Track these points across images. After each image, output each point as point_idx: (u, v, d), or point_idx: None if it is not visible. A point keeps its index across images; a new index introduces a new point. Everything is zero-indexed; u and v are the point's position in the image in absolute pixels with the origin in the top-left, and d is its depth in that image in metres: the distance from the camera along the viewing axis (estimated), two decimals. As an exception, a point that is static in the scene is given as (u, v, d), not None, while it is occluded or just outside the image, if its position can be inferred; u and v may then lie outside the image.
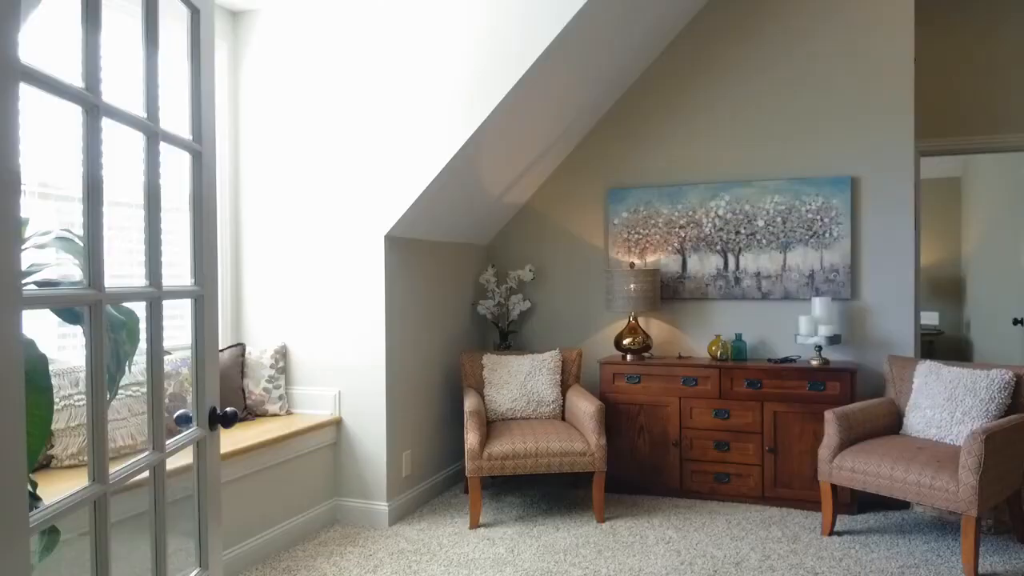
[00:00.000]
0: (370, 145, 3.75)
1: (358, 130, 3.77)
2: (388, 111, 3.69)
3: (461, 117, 3.55)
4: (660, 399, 4.19)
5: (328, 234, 3.88)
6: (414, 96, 3.64)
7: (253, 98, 4.00)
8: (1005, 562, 3.24)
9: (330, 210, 3.86)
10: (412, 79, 3.64)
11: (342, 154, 3.81)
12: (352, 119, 3.78)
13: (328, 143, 3.84)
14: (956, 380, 3.55)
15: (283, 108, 3.94)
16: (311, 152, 3.88)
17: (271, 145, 3.97)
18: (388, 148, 3.71)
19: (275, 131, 3.96)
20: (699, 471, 4.13)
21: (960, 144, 4.67)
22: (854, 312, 4.19)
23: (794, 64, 4.26)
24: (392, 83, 3.68)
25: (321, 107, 3.84)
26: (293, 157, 3.93)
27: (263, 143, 3.99)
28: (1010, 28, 4.52)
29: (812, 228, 4.22)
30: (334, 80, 3.81)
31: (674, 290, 4.50)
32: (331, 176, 3.85)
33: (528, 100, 3.70)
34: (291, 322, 3.97)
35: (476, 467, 3.72)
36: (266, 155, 3.99)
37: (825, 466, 3.55)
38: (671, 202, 4.50)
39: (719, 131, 4.43)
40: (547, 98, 3.86)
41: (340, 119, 3.80)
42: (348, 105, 3.78)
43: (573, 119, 4.34)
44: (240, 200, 4.06)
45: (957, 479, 3.09)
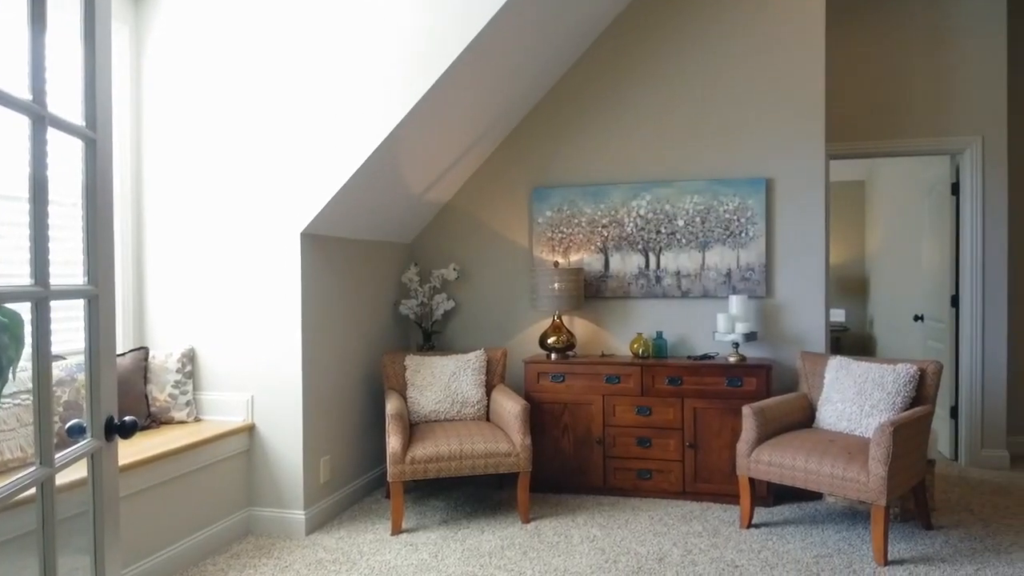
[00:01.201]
0: (285, 138, 3.59)
1: (273, 122, 3.60)
2: (305, 103, 3.54)
3: (382, 111, 3.45)
4: (584, 397, 4.19)
5: (240, 230, 3.69)
6: (333, 88, 3.50)
7: (158, 85, 3.77)
8: (912, 548, 3.39)
9: (242, 205, 3.68)
10: (331, 71, 3.50)
11: (255, 147, 3.64)
12: (266, 110, 3.61)
13: (240, 135, 3.65)
14: (865, 375, 3.69)
15: (191, 96, 3.72)
16: (222, 144, 3.69)
17: (178, 135, 3.75)
18: (305, 141, 3.56)
19: (182, 120, 3.74)
20: (622, 468, 4.16)
21: (866, 148, 4.88)
22: (769, 310, 4.31)
23: (712, 68, 4.35)
24: (310, 74, 3.53)
25: (233, 96, 3.65)
26: (202, 148, 3.72)
27: (169, 133, 3.76)
28: (914, 37, 4.76)
29: (729, 228, 4.32)
30: (247, 68, 3.63)
31: (597, 289, 4.52)
32: (243, 170, 3.66)
33: (451, 96, 3.63)
34: (199, 324, 3.75)
35: (398, 471, 3.62)
36: (173, 146, 3.76)
37: (743, 460, 3.63)
38: (594, 201, 4.51)
39: (641, 131, 4.48)
40: (470, 95, 3.80)
41: (253, 110, 3.63)
42: (262, 95, 3.61)
43: (497, 117, 4.29)
44: (143, 193, 3.82)
45: (867, 470, 3.21)
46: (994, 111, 4.64)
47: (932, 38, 4.72)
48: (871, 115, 4.84)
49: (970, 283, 4.70)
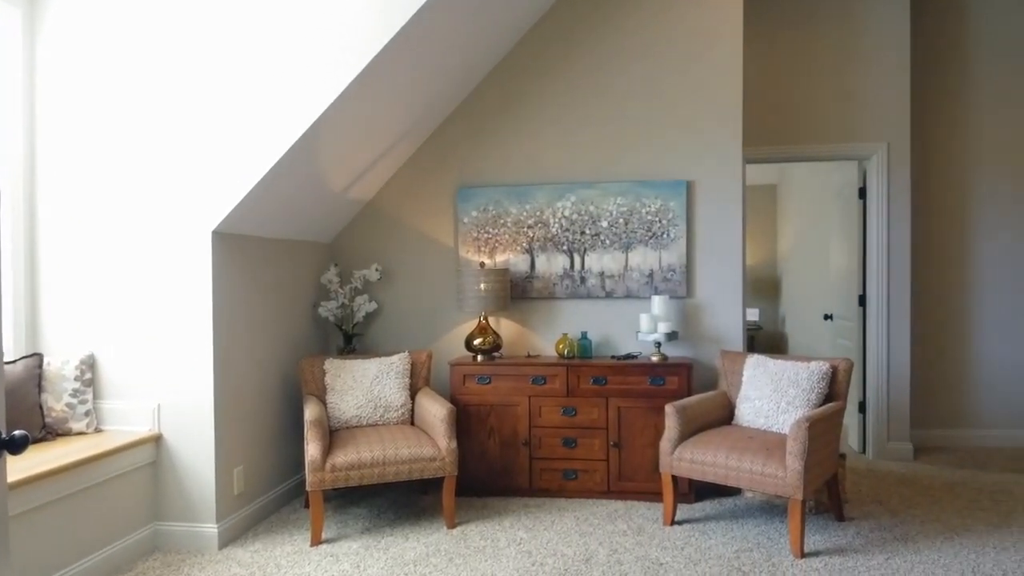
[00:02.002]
0: (196, 131, 3.40)
1: (182, 113, 3.40)
2: (218, 94, 3.37)
3: (301, 105, 3.31)
4: (510, 399, 4.15)
5: (145, 229, 3.47)
6: (249, 81, 3.34)
7: (54, 72, 3.50)
8: (826, 540, 3.50)
9: (147, 203, 3.46)
10: (247, 62, 3.34)
11: (163, 140, 3.43)
12: (176, 100, 3.41)
13: (146, 126, 3.44)
14: (781, 372, 3.80)
15: (91, 84, 3.48)
16: (125, 135, 3.46)
17: (76, 126, 3.50)
18: (217, 135, 3.38)
19: (81, 110, 3.49)
20: (548, 469, 4.15)
21: (780, 153, 5.04)
22: (689, 309, 4.39)
23: (635, 73, 4.39)
24: (224, 65, 3.36)
25: (137, 85, 3.43)
26: (103, 140, 3.48)
27: (66, 123, 3.50)
28: (825, 48, 4.95)
29: (652, 229, 4.37)
30: (154, 55, 3.42)
31: (523, 289, 4.50)
32: (150, 163, 3.45)
33: (373, 92, 3.52)
34: (100, 329, 3.51)
35: (318, 480, 3.48)
36: (70, 137, 3.50)
37: (666, 458, 3.67)
38: (520, 202, 4.49)
39: (566, 133, 4.48)
40: (394, 91, 3.71)
41: (161, 99, 3.42)
42: (171, 84, 3.41)
43: (422, 114, 4.21)
44: (36, 190, 3.54)
45: (785, 465, 3.29)
46: (898, 119, 4.87)
47: (842, 50, 4.92)
48: (784, 121, 5.00)
49: (876, 283, 4.93)
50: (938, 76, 5.20)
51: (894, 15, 4.86)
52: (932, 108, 5.21)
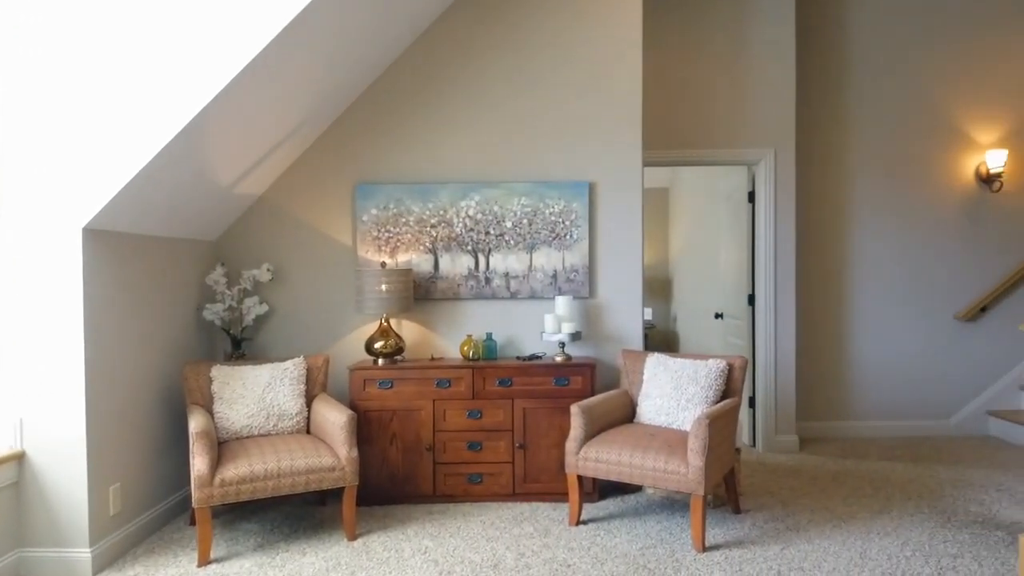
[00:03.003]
0: (64, 120, 3.07)
1: (49, 100, 3.06)
2: (90, 79, 3.05)
3: (185, 93, 3.05)
4: (413, 403, 4.03)
5: (3, 226, 3.10)
6: (124, 66, 3.05)
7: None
8: (725, 533, 3.60)
9: (6, 197, 3.09)
10: (123, 45, 3.04)
11: (24, 129, 3.07)
12: (41, 85, 3.06)
13: (3, 115, 3.07)
14: (680, 370, 3.88)
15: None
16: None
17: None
18: (88, 123, 3.06)
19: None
20: (452, 474, 4.05)
21: (674, 156, 5.18)
22: (592, 309, 4.41)
23: (538, 73, 4.38)
24: (98, 46, 3.04)
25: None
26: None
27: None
28: (717, 57, 5.12)
29: (555, 230, 4.37)
30: (17, 33, 3.05)
31: (426, 290, 4.38)
32: (8, 154, 3.08)
33: (264, 82, 3.31)
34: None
35: (206, 496, 3.23)
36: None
37: (572, 458, 3.66)
38: (422, 200, 4.37)
39: (469, 131, 4.40)
40: (287, 82, 3.50)
41: (23, 84, 3.06)
42: (36, 67, 3.06)
43: (317, 106, 4.01)
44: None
45: (687, 462, 3.35)
46: (784, 127, 5.12)
47: (733, 60, 5.12)
48: (679, 126, 5.14)
49: (764, 283, 5.15)
50: (821, 87, 5.51)
51: (780, 28, 5.10)
52: (816, 117, 5.51)
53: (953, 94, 5.52)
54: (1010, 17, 5.50)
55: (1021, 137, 5.52)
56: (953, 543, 3.41)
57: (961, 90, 5.52)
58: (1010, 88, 5.51)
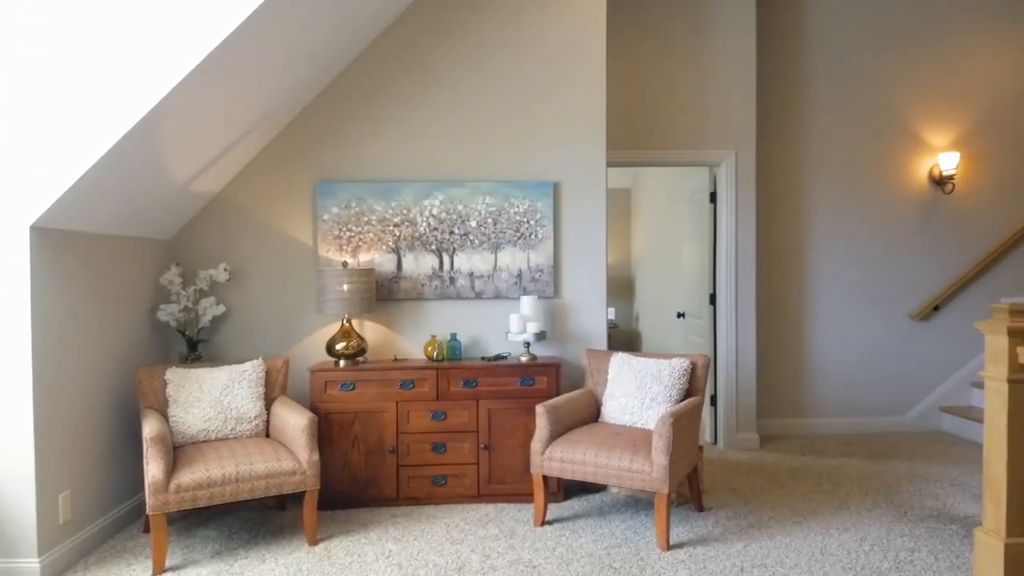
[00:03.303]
0: (10, 112, 2.94)
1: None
2: (37, 71, 2.93)
3: (139, 87, 2.95)
4: (376, 405, 3.97)
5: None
6: (72, 58, 2.93)
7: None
8: (689, 531, 3.62)
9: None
10: (73, 37, 2.93)
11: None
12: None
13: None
14: (644, 369, 3.89)
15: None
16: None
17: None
18: (37, 118, 2.94)
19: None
20: (416, 476, 4.00)
21: (637, 157, 5.20)
22: (557, 309, 4.41)
23: (503, 73, 4.36)
24: (43, 37, 2.93)
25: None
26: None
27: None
28: (679, 59, 5.17)
29: (520, 230, 4.35)
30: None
31: (389, 290, 4.32)
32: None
33: (222, 77, 3.22)
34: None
35: (161, 502, 3.13)
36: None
37: (537, 458, 3.64)
38: (385, 199, 4.31)
39: (433, 130, 4.35)
40: (246, 78, 3.41)
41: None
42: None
43: (277, 102, 3.92)
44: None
45: (651, 461, 3.36)
46: (745, 129, 5.19)
47: (695, 62, 5.17)
48: (642, 127, 5.17)
49: (725, 283, 5.21)
50: (781, 90, 5.60)
51: (741, 33, 5.17)
52: (776, 120, 5.59)
53: (907, 99, 5.65)
54: (960, 26, 5.65)
55: (972, 140, 5.68)
56: (910, 537, 3.48)
57: (915, 95, 5.66)
58: (961, 93, 5.67)
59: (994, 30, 5.67)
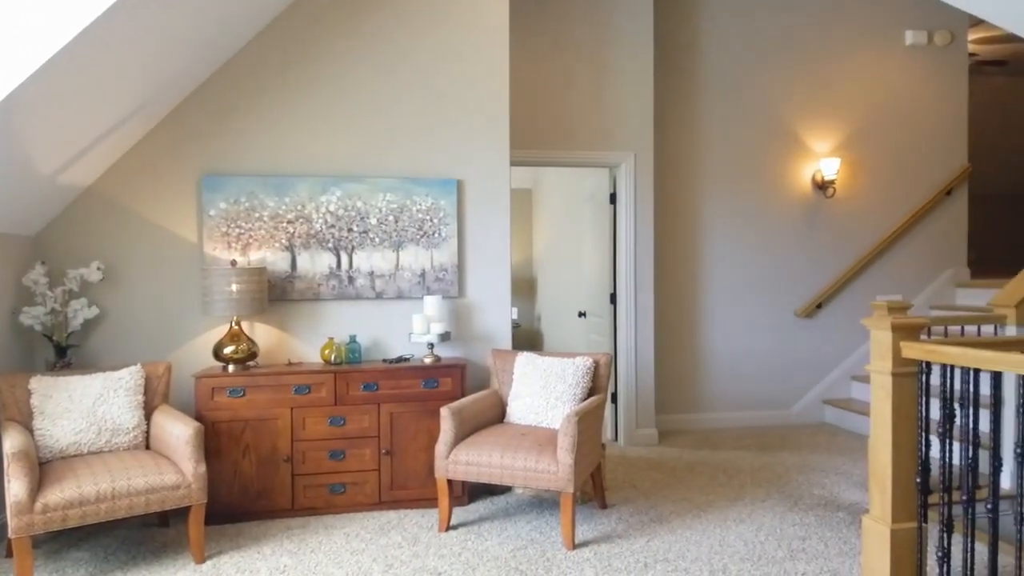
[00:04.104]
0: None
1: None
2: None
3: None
4: (269, 412, 3.75)
5: None
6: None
7: None
8: (593, 528, 3.62)
9: None
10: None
11: None
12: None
13: None
14: (549, 368, 3.87)
15: None
16: None
17: None
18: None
19: None
20: (313, 485, 3.82)
21: (540, 157, 5.20)
22: (461, 309, 4.32)
23: (407, 67, 4.23)
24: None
25: None
26: None
27: None
28: (581, 62, 5.20)
29: (423, 228, 4.24)
30: None
31: (283, 291, 4.10)
32: None
33: (93, 61, 2.94)
34: None
35: (25, 524, 2.82)
36: None
37: (442, 462, 3.55)
38: (278, 194, 4.08)
39: (331, 122, 4.17)
40: (120, 58, 3.13)
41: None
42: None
43: (154, 91, 3.64)
44: None
45: (557, 460, 3.34)
46: (643, 132, 5.29)
47: (596, 66, 5.22)
48: (544, 127, 5.18)
49: (625, 282, 5.29)
50: (678, 97, 5.74)
51: (639, 38, 5.27)
52: (672, 124, 5.73)
53: (792, 106, 5.94)
54: (837, 39, 5.99)
55: (850, 147, 6.04)
56: (801, 526, 3.63)
57: (799, 103, 5.95)
58: (841, 103, 6.02)
59: (867, 44, 6.05)
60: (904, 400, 2.69)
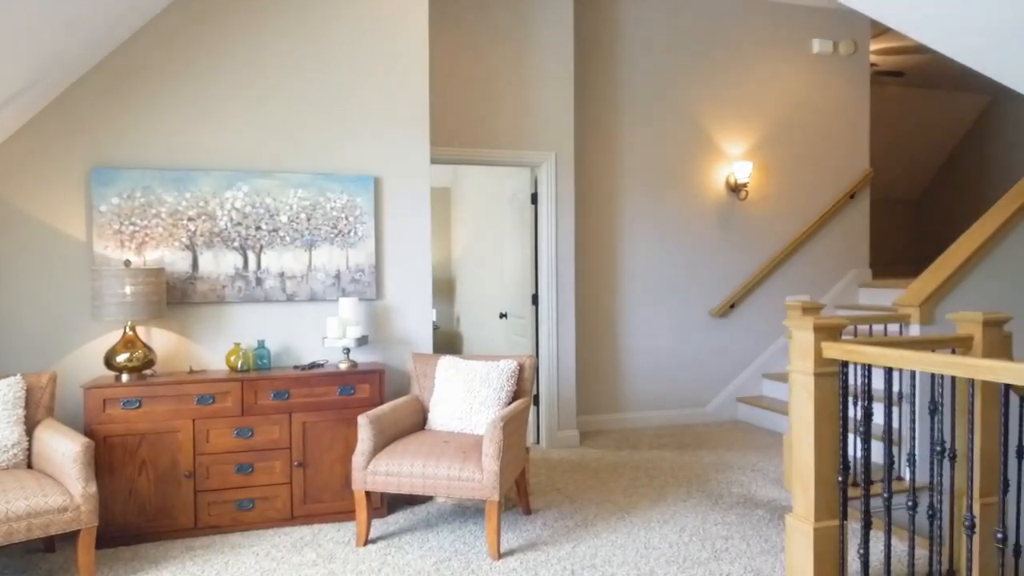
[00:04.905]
0: None
1: None
2: None
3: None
4: (168, 424, 3.47)
5: None
6: None
7: None
8: (518, 536, 3.53)
9: None
10: None
11: None
12: None
13: None
14: (472, 372, 3.75)
15: None
16: None
17: None
18: None
19: None
20: (218, 501, 3.56)
21: (461, 155, 5.07)
22: (379, 312, 4.14)
23: (319, 59, 4.01)
24: None
25: None
26: None
27: None
28: (503, 60, 5.10)
29: (338, 226, 4.03)
30: None
31: (184, 293, 3.80)
32: None
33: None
34: None
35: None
36: None
37: (360, 473, 3.37)
38: (178, 189, 3.79)
39: (238, 112, 3.90)
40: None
41: None
42: None
43: (41, 69, 3.29)
44: None
45: (482, 467, 3.22)
46: (564, 133, 5.24)
47: (517, 63, 5.13)
48: (465, 125, 5.05)
49: (547, 283, 5.23)
50: (598, 96, 5.73)
51: (559, 38, 5.22)
52: (593, 126, 5.71)
53: (707, 110, 6.04)
54: (754, 48, 6.14)
55: (762, 150, 6.19)
56: (723, 525, 3.65)
57: (714, 107, 6.06)
58: (753, 108, 6.16)
59: (777, 52, 6.23)
60: (825, 399, 2.71)
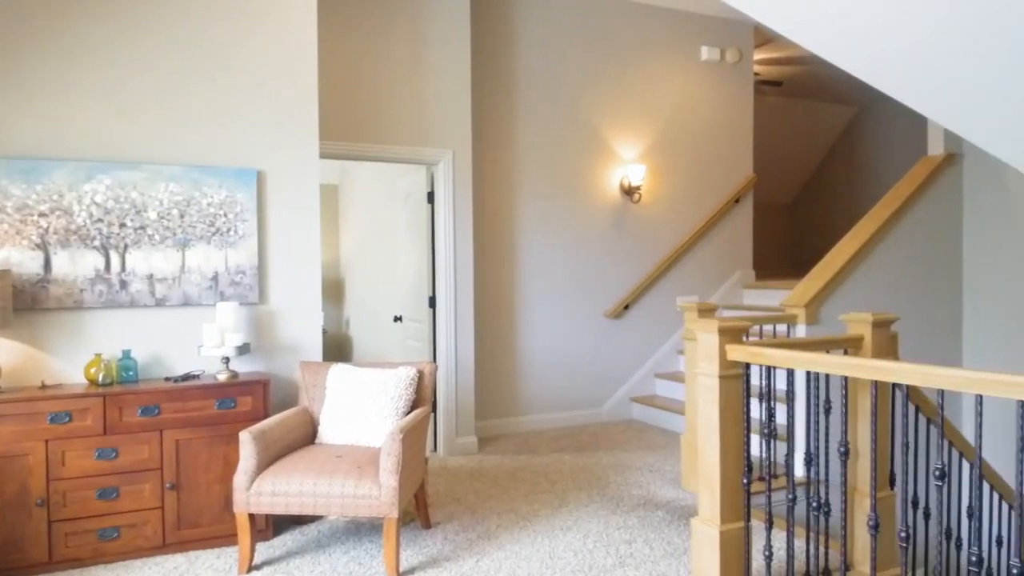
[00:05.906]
0: None
1: None
2: None
3: None
4: (15, 447, 3.04)
5: None
6: None
7: None
8: (419, 552, 3.34)
9: None
10: None
11: None
12: None
13: None
14: (367, 381, 3.53)
15: None
16: None
17: None
18: None
19: None
20: (77, 531, 3.16)
21: (351, 150, 4.81)
22: (263, 317, 3.83)
23: (198, 35, 3.65)
24: None
25: None
26: None
27: None
28: (398, 55, 4.87)
29: (215, 224, 3.69)
30: None
31: (34, 298, 3.35)
32: None
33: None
34: None
35: None
36: None
37: (242, 495, 3.08)
38: (26, 180, 3.34)
39: (99, 94, 3.49)
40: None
41: None
42: None
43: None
44: None
45: (379, 483, 3.02)
46: (462, 130, 5.09)
47: (413, 57, 4.93)
48: (357, 119, 4.79)
49: (445, 285, 5.06)
50: (495, 95, 5.61)
51: (456, 33, 5.06)
52: (491, 126, 5.59)
53: (602, 113, 6.06)
54: (647, 53, 6.22)
55: (654, 154, 6.29)
56: (625, 529, 3.61)
57: (608, 110, 6.09)
58: (646, 112, 6.25)
59: (668, 57, 6.35)
60: (730, 401, 2.71)
